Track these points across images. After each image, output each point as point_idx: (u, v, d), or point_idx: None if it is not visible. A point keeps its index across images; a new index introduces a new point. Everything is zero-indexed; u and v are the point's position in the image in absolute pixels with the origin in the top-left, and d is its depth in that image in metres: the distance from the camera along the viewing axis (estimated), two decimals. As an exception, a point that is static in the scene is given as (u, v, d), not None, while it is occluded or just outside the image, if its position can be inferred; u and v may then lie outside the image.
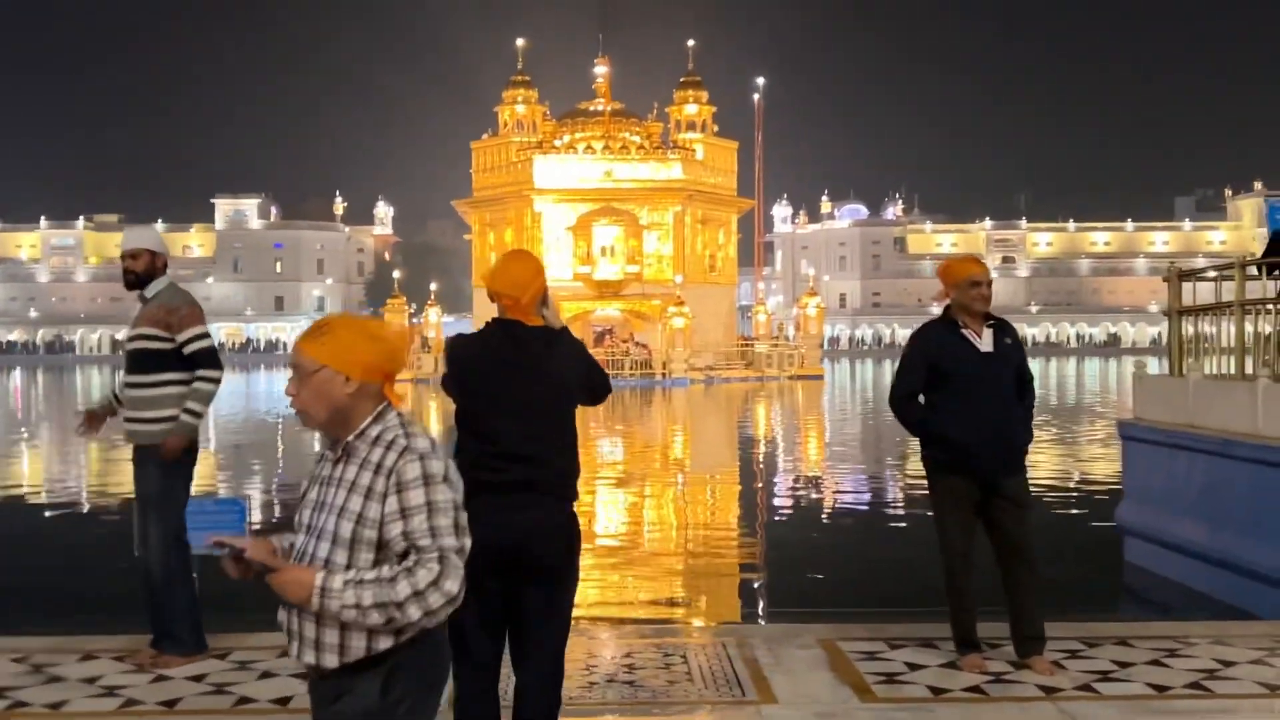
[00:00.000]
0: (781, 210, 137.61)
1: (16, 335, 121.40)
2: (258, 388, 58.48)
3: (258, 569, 2.74)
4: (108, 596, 9.11)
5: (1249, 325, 10.04)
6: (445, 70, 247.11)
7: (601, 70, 66.73)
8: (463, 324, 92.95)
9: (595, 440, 27.25)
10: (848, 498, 16.50)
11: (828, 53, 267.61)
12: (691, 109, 67.54)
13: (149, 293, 6.12)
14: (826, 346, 79.89)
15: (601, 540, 13.02)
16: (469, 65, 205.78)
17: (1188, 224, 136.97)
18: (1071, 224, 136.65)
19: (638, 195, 63.39)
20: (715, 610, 9.00)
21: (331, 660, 2.71)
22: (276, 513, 14.61)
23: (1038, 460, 18.24)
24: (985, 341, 5.76)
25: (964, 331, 5.77)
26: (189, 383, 5.97)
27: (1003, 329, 5.85)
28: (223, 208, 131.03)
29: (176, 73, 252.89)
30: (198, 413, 5.92)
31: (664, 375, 55.48)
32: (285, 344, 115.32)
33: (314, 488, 2.84)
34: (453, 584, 2.66)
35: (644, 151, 64.24)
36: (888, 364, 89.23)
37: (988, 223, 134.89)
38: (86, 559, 11.65)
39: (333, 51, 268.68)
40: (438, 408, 42.12)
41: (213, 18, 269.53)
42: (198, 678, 5.65)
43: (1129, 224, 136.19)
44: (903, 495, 16.31)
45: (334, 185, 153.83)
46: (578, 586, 4.31)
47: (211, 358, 5.98)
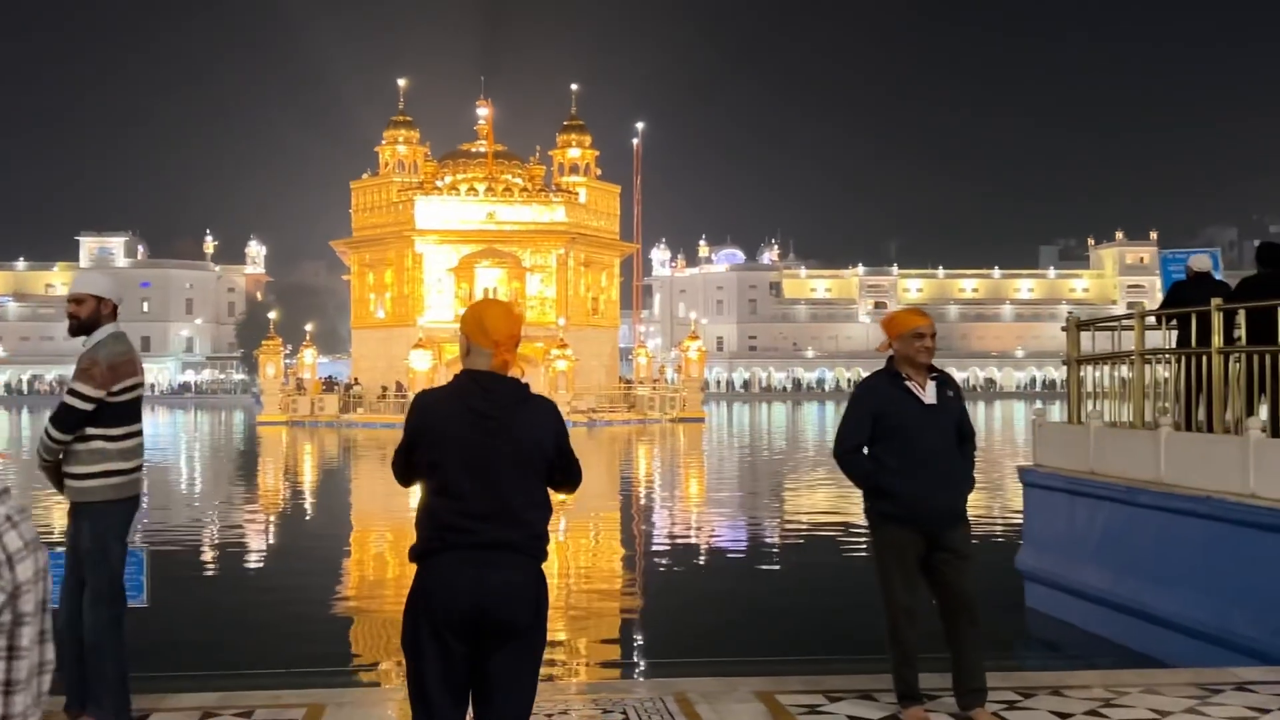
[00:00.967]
0: (660, 254, 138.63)
1: None
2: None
3: None
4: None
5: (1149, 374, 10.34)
6: (323, 108, 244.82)
7: (484, 112, 66.58)
8: (339, 365, 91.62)
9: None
10: (750, 542, 16.53)
11: (706, 99, 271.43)
12: (574, 152, 67.76)
13: (90, 342, 5.83)
14: (708, 389, 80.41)
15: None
16: (347, 104, 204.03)
17: (1052, 272, 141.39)
18: (941, 270, 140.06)
19: (520, 238, 63.28)
20: (645, 657, 8.89)
21: None
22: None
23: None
24: (929, 394, 5.80)
25: (908, 384, 5.80)
26: (116, 438, 5.71)
27: (945, 381, 5.90)
28: (88, 245, 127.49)
29: (39, 104, 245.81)
30: (42, 458, 5.72)
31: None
32: (154, 385, 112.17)
33: None
34: None
35: (527, 194, 64.23)
36: (764, 407, 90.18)
37: (861, 268, 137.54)
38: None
39: (205, 86, 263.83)
40: (312, 450, 41.39)
41: (78, 47, 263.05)
42: (119, 745, 5.39)
43: (996, 271, 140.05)
44: (805, 539, 16.40)
45: (204, 223, 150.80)
46: (545, 648, 4.20)
47: (62, 417, 5.63)
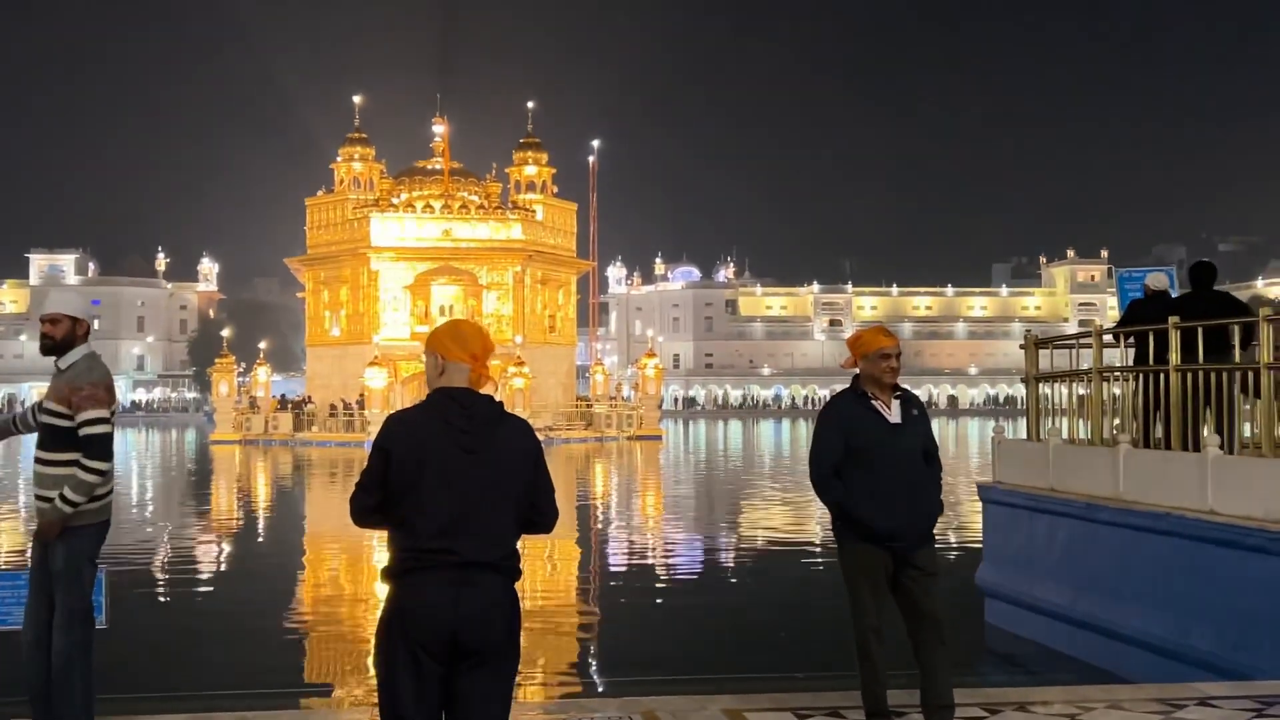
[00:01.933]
0: (616, 271, 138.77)
1: None
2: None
3: None
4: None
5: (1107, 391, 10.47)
6: (277, 125, 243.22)
7: (440, 129, 66.48)
8: (293, 383, 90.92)
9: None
10: (713, 559, 16.55)
11: (662, 118, 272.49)
12: (531, 170, 67.72)
13: (64, 363, 5.73)
14: (664, 406, 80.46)
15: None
16: (302, 121, 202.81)
17: (1004, 290, 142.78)
18: (895, 289, 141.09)
19: (477, 255, 63.15)
20: (608, 674, 8.88)
21: None
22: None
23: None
24: (894, 413, 5.83)
25: (874, 403, 5.83)
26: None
27: (909, 400, 5.93)
28: (37, 263, 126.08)
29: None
30: (73, 502, 5.53)
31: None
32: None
33: None
34: None
35: (483, 211, 64.12)
36: (721, 425, 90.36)
37: (815, 286, 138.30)
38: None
39: (157, 101, 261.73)
40: (265, 469, 41.00)
41: (26, 63, 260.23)
42: (84, 770, 5.31)
43: (949, 289, 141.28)
44: (768, 556, 16.44)
45: (156, 240, 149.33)
46: (518, 667, 4.18)
47: (99, 447, 5.58)
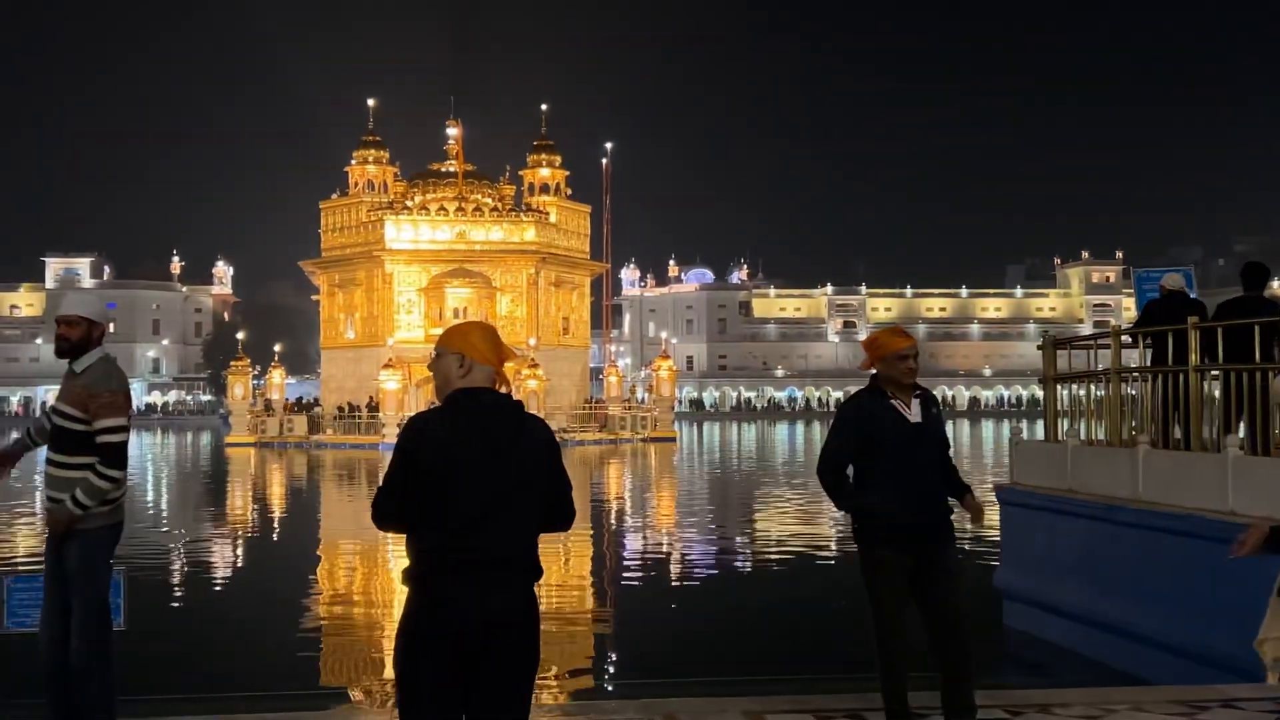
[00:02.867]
0: (629, 274, 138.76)
1: None
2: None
3: None
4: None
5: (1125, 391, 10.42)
6: (292, 129, 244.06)
7: (453, 132, 66.58)
8: (308, 385, 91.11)
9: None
10: (730, 561, 16.52)
11: (675, 120, 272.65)
12: (544, 172, 67.75)
13: (79, 366, 5.75)
14: (677, 408, 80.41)
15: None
16: (317, 124, 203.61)
17: (1019, 291, 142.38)
18: (909, 290, 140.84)
19: (491, 257, 63.24)
20: (626, 676, 8.86)
21: None
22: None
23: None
24: (915, 412, 5.82)
25: (893, 402, 5.81)
26: None
27: (928, 399, 5.92)
28: (53, 267, 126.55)
29: (5, 125, 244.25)
30: (83, 505, 5.55)
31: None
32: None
33: None
34: None
35: (497, 214, 64.20)
36: (735, 427, 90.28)
37: (829, 288, 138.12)
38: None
39: (172, 106, 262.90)
40: (280, 471, 41.08)
41: (43, 68, 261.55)
42: (105, 771, 5.32)
43: (963, 290, 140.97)
44: (785, 557, 16.41)
45: (170, 244, 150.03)
46: (538, 667, 4.17)
47: (115, 455, 5.59)
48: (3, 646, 6.82)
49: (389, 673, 9.40)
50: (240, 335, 72.92)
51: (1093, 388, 11.09)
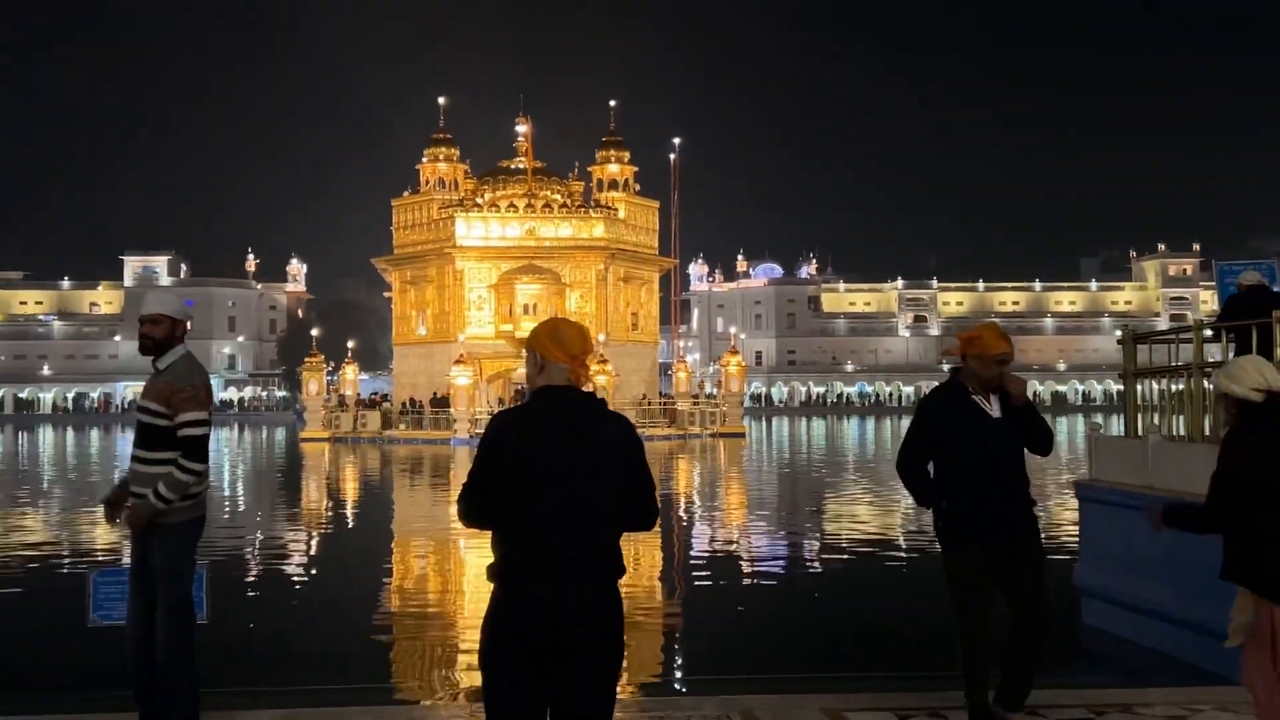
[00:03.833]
0: (697, 269, 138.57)
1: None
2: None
3: None
4: (66, 670, 8.75)
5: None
6: (364, 128, 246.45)
7: (523, 129, 66.93)
8: (380, 381, 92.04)
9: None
10: (804, 557, 16.46)
11: (744, 113, 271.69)
12: (613, 168, 67.92)
13: (162, 363, 5.88)
14: (746, 404, 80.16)
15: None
16: (389, 123, 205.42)
17: (1094, 284, 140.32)
18: (981, 284, 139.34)
19: (560, 254, 63.50)
20: (701, 673, 8.87)
21: None
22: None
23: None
24: (994, 408, 5.77)
25: (974, 398, 5.77)
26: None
27: (1006, 395, 5.86)
28: (131, 265, 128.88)
29: (84, 126, 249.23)
30: (166, 499, 5.65)
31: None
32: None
33: None
34: None
35: (566, 210, 64.45)
36: (804, 422, 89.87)
37: (900, 282, 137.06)
38: (32, 630, 11.18)
39: (246, 106, 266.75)
40: (354, 465, 41.49)
41: (120, 71, 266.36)
42: (193, 762, 5.42)
43: (1037, 284, 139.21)
44: (860, 553, 16.31)
45: (246, 242, 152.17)
46: (623, 665, 4.19)
47: (196, 448, 5.70)
48: (90, 640, 6.97)
49: (465, 667, 9.49)
50: (314, 332, 73.85)
51: (1173, 383, 10.91)
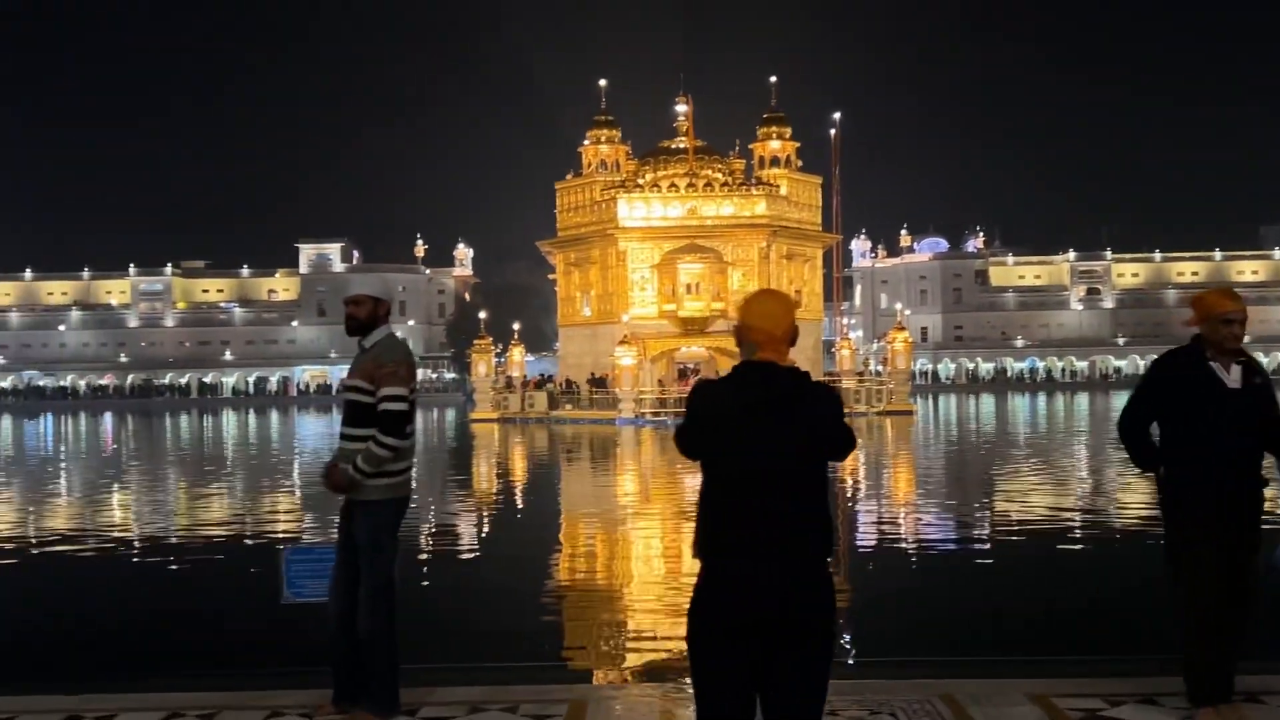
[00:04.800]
0: (860, 245, 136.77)
1: (108, 380, 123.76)
2: (336, 427, 58.96)
3: None
4: (260, 647, 9.00)
5: None
6: (526, 112, 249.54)
7: (683, 108, 66.83)
8: (544, 363, 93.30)
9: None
10: (997, 535, 16.05)
11: (906, 85, 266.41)
12: (775, 145, 67.39)
13: (368, 341, 5.99)
14: (913, 381, 78.83)
15: (655, 579, 12.74)
16: (549, 107, 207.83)
17: (1277, 252, 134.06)
18: (1157, 254, 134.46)
19: (722, 232, 63.31)
20: (895, 654, 8.68)
21: None
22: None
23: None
24: (1233, 377, 5.46)
25: (1211, 364, 5.48)
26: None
27: (1252, 367, 5.54)
28: (306, 252, 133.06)
29: (259, 120, 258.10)
30: (364, 472, 5.73)
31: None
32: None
33: None
34: None
35: (728, 189, 64.17)
36: (973, 399, 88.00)
37: (1071, 254, 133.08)
38: (224, 605, 11.57)
39: (413, 95, 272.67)
40: (523, 445, 42.08)
41: (293, 63, 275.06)
42: (394, 737, 5.48)
43: (1216, 253, 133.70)
44: (1056, 532, 15.84)
45: (414, 228, 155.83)
46: (834, 646, 4.06)
47: (395, 423, 5.74)
48: (285, 616, 7.13)
49: (651, 648, 9.47)
50: (482, 315, 75.19)
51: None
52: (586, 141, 68.39)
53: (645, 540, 16.56)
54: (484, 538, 17.79)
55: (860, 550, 15.11)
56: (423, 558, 14.49)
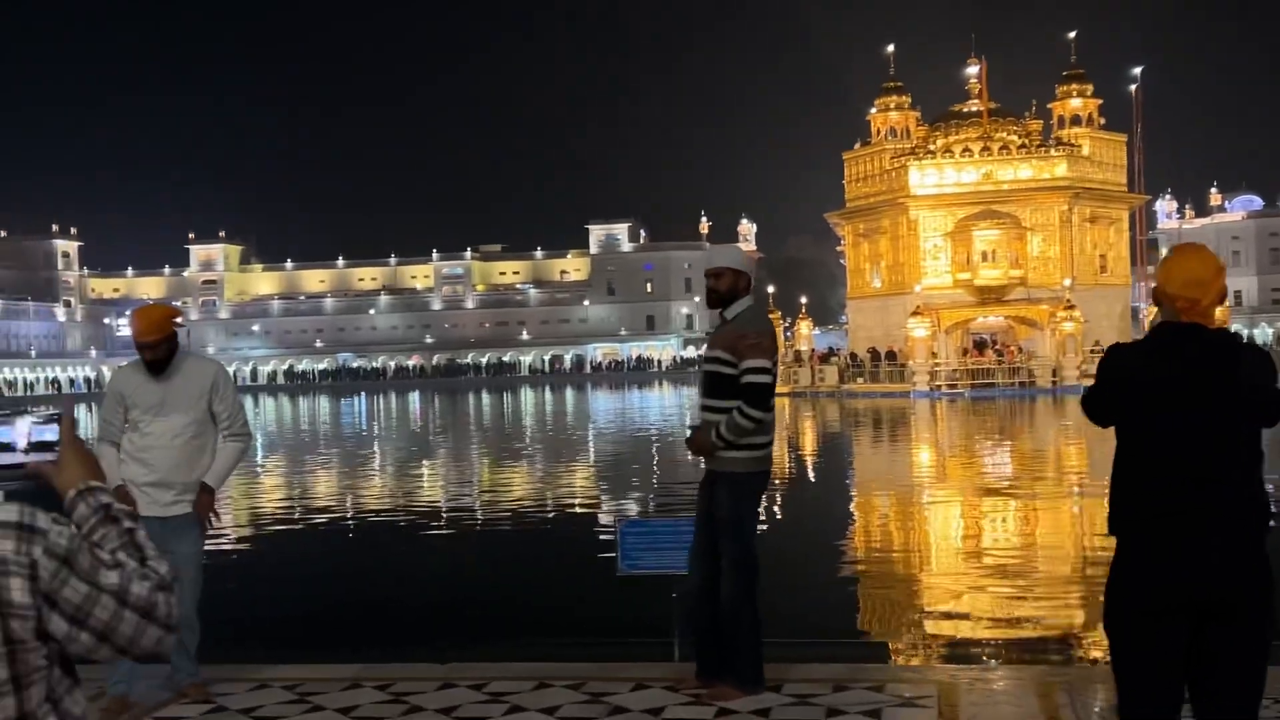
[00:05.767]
0: (1165, 205, 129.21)
1: (414, 361, 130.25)
2: (632, 402, 60.22)
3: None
4: (595, 619, 9.08)
5: None
6: (810, 84, 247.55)
7: (974, 70, 64.65)
8: (831, 336, 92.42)
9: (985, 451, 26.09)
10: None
11: (1213, 36, 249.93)
12: (1075, 103, 64.38)
13: (730, 313, 5.88)
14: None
15: (995, 557, 12.21)
16: (834, 76, 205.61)
17: None
18: None
19: (1019, 196, 60.92)
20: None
21: None
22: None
23: None
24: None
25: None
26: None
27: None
28: (596, 233, 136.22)
29: (552, 107, 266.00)
30: (726, 440, 5.61)
31: (1054, 383, 52.89)
32: (660, 361, 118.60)
33: None
34: None
35: (1024, 151, 61.69)
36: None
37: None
38: (563, 578, 11.78)
39: (695, 74, 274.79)
40: (813, 422, 41.65)
41: (580, 53, 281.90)
42: (762, 712, 5.35)
43: None
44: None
45: (698, 205, 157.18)
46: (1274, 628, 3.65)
47: (758, 395, 5.60)
48: (622, 587, 7.14)
49: (1020, 625, 9.08)
50: (770, 290, 75.09)
51: None
52: (874, 109, 67.15)
53: (1011, 516, 16.04)
54: (801, 510, 17.55)
55: None
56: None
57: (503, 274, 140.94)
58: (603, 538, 12.74)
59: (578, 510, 17.68)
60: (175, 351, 5.86)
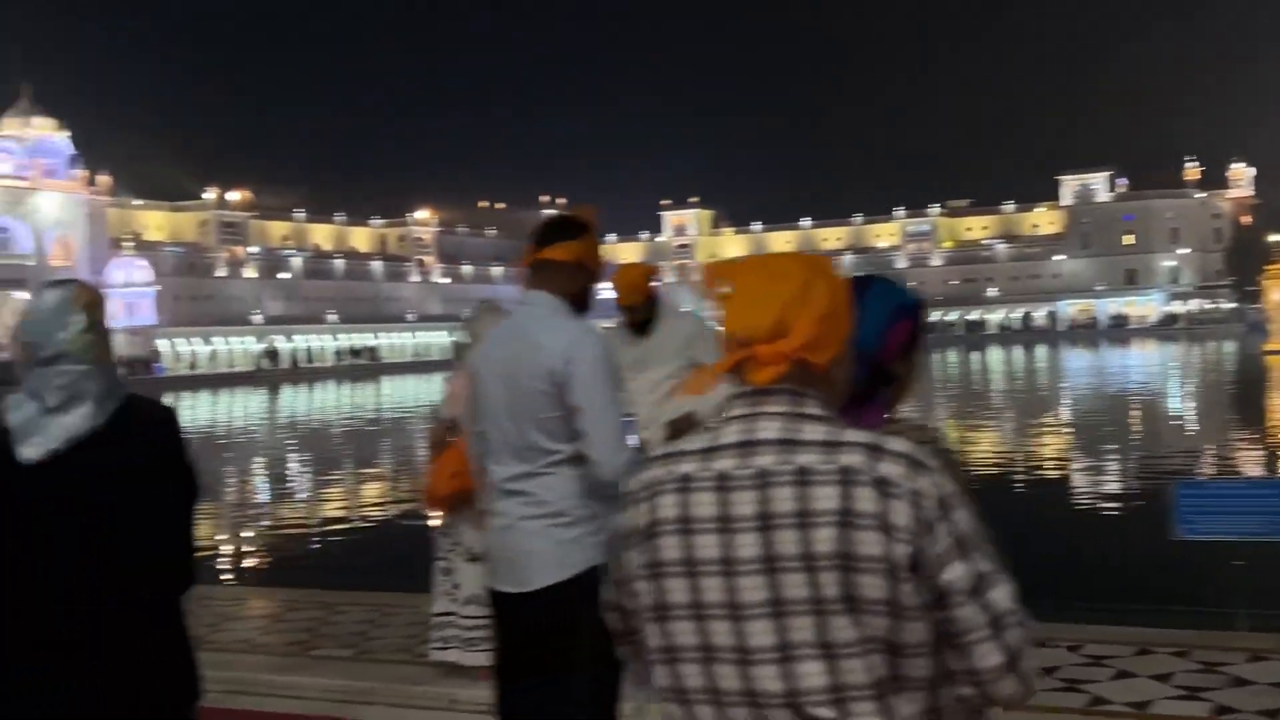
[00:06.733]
0: None
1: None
2: (1111, 362, 57.44)
3: None
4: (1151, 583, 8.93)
5: None
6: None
7: None
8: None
9: None
10: None
11: None
12: None
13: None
14: None
15: None
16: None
17: None
18: None
19: None
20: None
21: None
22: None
23: None
24: None
25: None
26: None
27: None
28: (1069, 184, 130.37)
29: (1018, 56, 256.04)
30: None
31: None
32: (1142, 317, 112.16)
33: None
34: None
35: None
36: None
37: None
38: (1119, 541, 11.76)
39: (1185, 12, 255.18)
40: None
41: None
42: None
43: None
44: None
45: (1184, 150, 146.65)
46: None
47: None
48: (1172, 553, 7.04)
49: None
50: (1273, 238, 68.95)
51: None
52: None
53: None
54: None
55: None
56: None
57: (969, 230, 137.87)
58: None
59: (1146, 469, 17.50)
60: (655, 311, 5.81)
